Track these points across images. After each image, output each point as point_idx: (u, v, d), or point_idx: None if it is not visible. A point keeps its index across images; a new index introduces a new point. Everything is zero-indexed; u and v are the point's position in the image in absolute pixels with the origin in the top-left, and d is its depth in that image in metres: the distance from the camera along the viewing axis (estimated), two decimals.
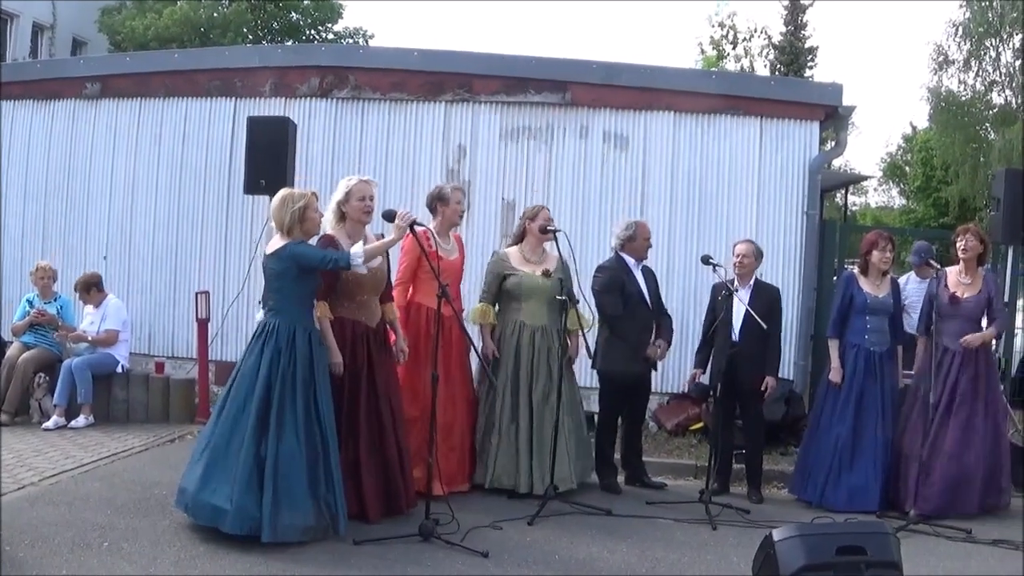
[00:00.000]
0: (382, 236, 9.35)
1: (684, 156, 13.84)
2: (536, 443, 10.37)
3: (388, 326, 9.46)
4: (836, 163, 50.55)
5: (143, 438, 12.05)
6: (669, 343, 11.30)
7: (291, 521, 8.17)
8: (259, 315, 8.69)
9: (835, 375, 11.01)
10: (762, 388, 11.01)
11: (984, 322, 11.00)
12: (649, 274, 11.29)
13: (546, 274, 10.44)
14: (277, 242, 8.53)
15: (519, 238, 10.83)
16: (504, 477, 10.41)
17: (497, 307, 10.73)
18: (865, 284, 11.04)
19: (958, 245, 11.02)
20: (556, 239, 10.35)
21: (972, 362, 10.86)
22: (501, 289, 10.65)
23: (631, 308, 10.92)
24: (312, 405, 8.44)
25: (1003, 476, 10.94)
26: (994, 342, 11.58)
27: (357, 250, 8.38)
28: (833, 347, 11.16)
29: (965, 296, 10.92)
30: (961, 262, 11.04)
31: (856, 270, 11.23)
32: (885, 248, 10.99)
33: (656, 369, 11.38)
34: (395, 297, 9.72)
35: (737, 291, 10.81)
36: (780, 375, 11.70)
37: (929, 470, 10.62)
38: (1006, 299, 13.28)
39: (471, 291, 11.21)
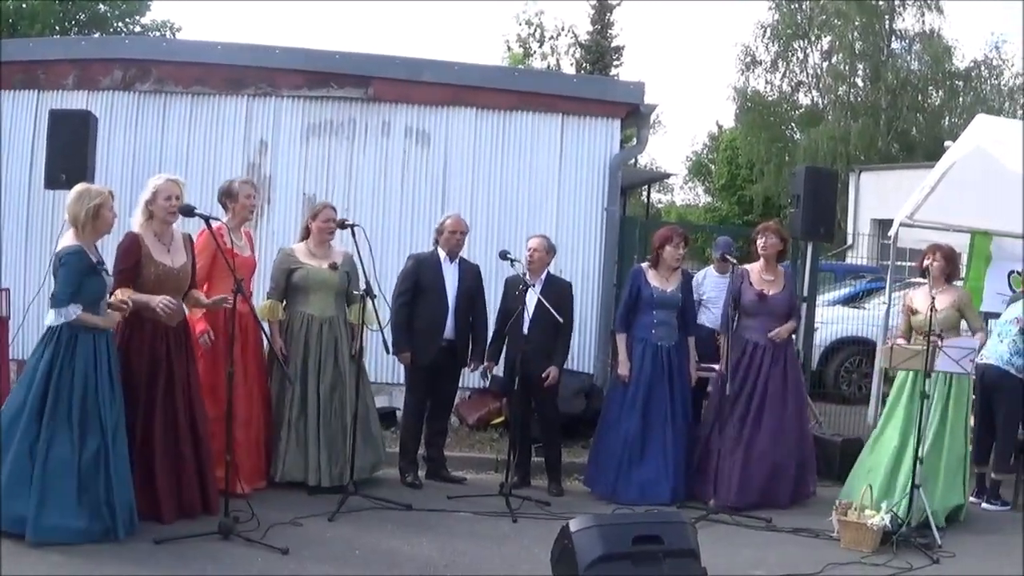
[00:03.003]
0: (188, 236, 9.37)
1: (486, 153, 13.90)
2: (324, 435, 10.40)
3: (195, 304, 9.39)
4: (642, 161, 51.22)
5: None
6: (481, 359, 11.50)
7: (59, 522, 8.02)
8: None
9: (623, 368, 11.16)
10: (543, 376, 11.11)
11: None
12: (468, 272, 11.45)
13: (332, 267, 10.47)
14: (67, 240, 8.35)
15: (305, 235, 10.86)
16: (295, 471, 10.43)
17: (285, 303, 10.71)
18: (653, 279, 11.19)
19: (758, 243, 11.28)
20: (353, 233, 10.33)
21: (781, 357, 11.18)
22: (288, 284, 10.65)
23: (428, 299, 11.11)
24: (95, 406, 8.25)
25: (809, 468, 11.30)
26: (793, 337, 11.85)
27: (74, 314, 8.18)
28: (620, 341, 11.31)
29: (772, 293, 11.21)
30: (762, 259, 11.30)
31: (646, 264, 11.39)
32: (678, 244, 11.14)
33: (470, 367, 11.57)
34: None
35: (533, 286, 10.91)
36: (581, 369, 11.85)
37: (745, 464, 10.88)
38: (806, 294, 13.57)
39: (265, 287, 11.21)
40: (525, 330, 10.98)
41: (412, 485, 11.05)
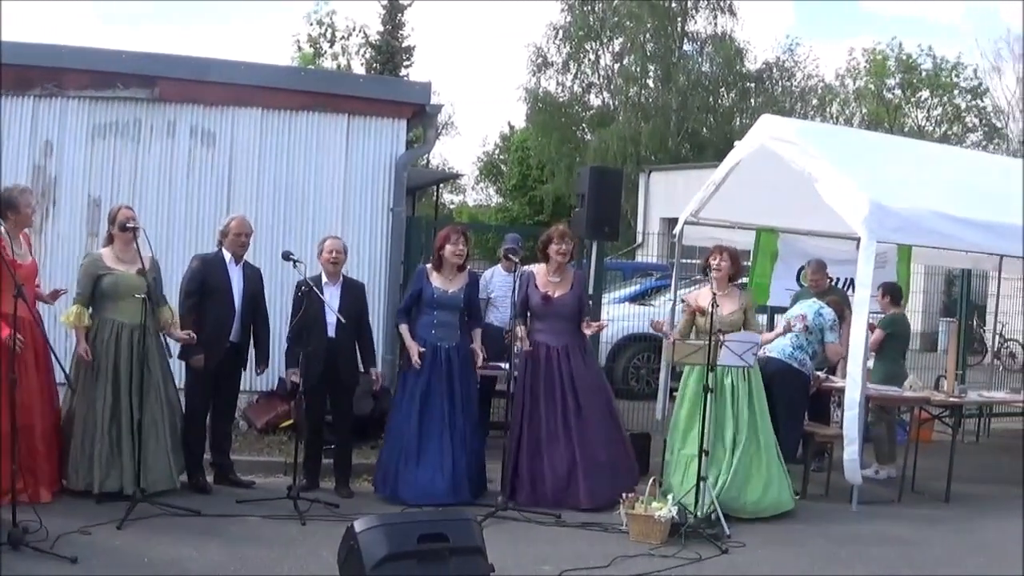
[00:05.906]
0: None
1: (271, 153, 13.83)
2: (138, 444, 10.21)
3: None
4: (435, 162, 51.33)
5: None
6: (266, 363, 11.50)
7: None
8: None
9: (413, 354, 11.16)
10: (373, 379, 11.37)
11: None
12: (252, 275, 11.40)
13: (140, 272, 10.29)
14: None
15: (109, 240, 10.69)
16: (109, 480, 10.28)
17: (91, 308, 10.51)
18: (436, 279, 11.27)
19: (551, 249, 11.39)
20: (135, 236, 10.23)
21: (577, 354, 11.37)
22: (96, 290, 10.48)
23: (215, 301, 11.03)
24: None
25: (628, 461, 11.43)
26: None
27: None
28: (403, 331, 11.38)
29: (557, 295, 11.36)
30: (554, 263, 11.44)
31: (429, 265, 11.48)
32: (458, 242, 11.22)
33: (246, 367, 11.54)
34: None
35: (313, 288, 10.82)
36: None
37: (554, 466, 11.06)
38: (591, 292, 13.74)
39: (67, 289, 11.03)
40: (331, 333, 11.07)
41: (200, 490, 10.98)
